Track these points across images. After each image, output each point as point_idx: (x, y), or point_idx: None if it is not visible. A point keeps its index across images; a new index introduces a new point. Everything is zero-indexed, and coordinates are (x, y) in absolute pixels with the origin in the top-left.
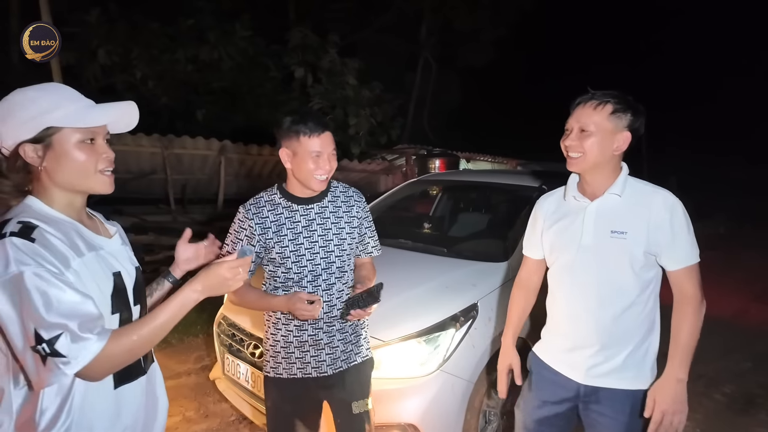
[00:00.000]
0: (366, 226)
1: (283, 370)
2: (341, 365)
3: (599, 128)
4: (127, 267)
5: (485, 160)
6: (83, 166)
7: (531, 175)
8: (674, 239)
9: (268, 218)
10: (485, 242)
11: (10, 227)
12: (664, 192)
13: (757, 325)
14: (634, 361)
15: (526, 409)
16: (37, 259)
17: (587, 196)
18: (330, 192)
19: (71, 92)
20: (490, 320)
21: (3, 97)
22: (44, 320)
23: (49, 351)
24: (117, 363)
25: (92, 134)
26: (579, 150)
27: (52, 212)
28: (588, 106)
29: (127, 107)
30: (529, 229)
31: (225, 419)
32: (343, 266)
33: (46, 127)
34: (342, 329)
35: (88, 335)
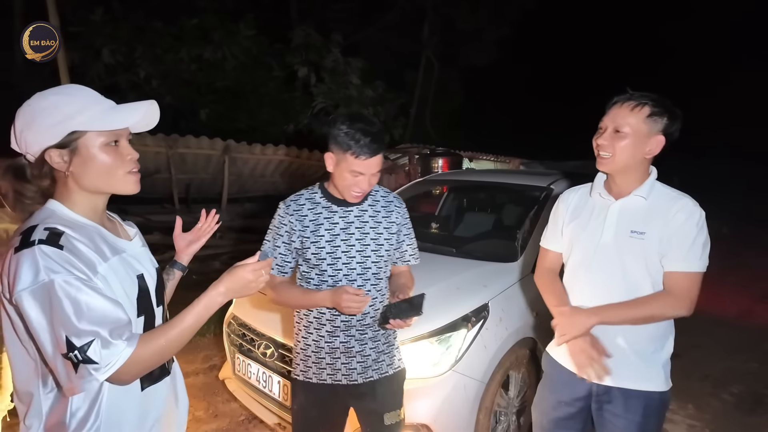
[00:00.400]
0: (405, 233)
1: (312, 375)
2: (372, 375)
3: (634, 130)
4: (148, 268)
5: (488, 160)
6: (110, 168)
7: (538, 174)
8: (682, 242)
9: (307, 216)
10: (495, 242)
11: (38, 234)
12: (687, 198)
13: (763, 325)
14: (648, 362)
15: (542, 409)
16: (66, 267)
17: (612, 195)
18: (371, 196)
19: (93, 94)
20: (501, 320)
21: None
22: (76, 327)
23: (81, 358)
24: (146, 367)
25: (116, 136)
26: (610, 150)
27: (76, 217)
28: (625, 106)
29: (149, 107)
30: (551, 222)
31: (235, 419)
32: (378, 273)
33: (71, 131)
34: (374, 338)
35: (118, 341)
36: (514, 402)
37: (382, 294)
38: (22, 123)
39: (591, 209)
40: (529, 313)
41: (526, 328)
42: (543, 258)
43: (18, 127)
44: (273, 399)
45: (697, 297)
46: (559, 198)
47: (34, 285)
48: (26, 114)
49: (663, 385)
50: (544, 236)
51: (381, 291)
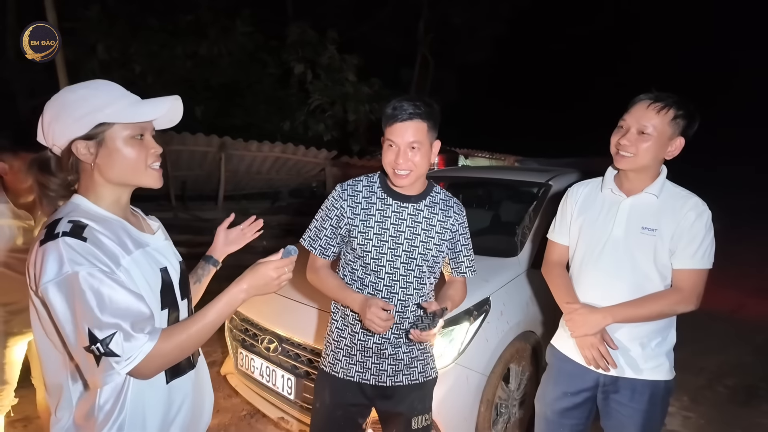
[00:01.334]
0: (463, 243)
1: (340, 369)
2: (402, 380)
3: (659, 132)
4: (172, 262)
5: (483, 157)
6: (135, 161)
7: (536, 171)
8: (691, 240)
9: (361, 204)
10: (495, 238)
11: (62, 227)
12: (697, 198)
13: (756, 319)
14: (653, 352)
15: (546, 400)
16: (90, 259)
17: (624, 191)
18: (429, 196)
19: (120, 89)
20: (502, 314)
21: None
22: (99, 320)
23: (103, 351)
24: (168, 361)
25: (141, 130)
26: (632, 150)
27: (100, 210)
28: (651, 108)
29: (174, 102)
30: (559, 215)
31: (236, 414)
32: (422, 277)
33: (98, 123)
34: (408, 343)
35: (140, 334)
36: (515, 394)
37: (422, 299)
38: (51, 115)
39: (601, 204)
40: (529, 307)
41: (527, 321)
42: (550, 251)
43: (46, 119)
44: (277, 393)
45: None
46: (567, 192)
47: (59, 277)
48: (55, 106)
49: (667, 374)
50: (551, 229)
51: (423, 298)
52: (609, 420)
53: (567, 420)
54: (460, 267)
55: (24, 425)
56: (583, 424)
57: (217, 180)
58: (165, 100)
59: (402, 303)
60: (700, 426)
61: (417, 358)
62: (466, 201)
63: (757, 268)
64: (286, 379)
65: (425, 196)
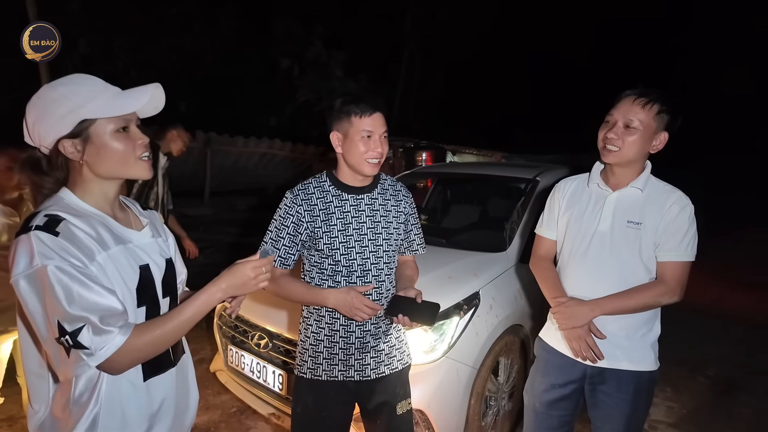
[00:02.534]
0: (412, 223)
1: (322, 372)
2: (384, 370)
3: (644, 126)
4: (156, 260)
5: (471, 153)
6: (123, 154)
7: (524, 167)
8: (675, 233)
9: (317, 206)
10: (484, 233)
11: (37, 220)
12: (680, 192)
13: (734, 312)
14: (638, 344)
15: (535, 392)
16: (60, 253)
17: (609, 186)
18: (380, 184)
19: (100, 82)
20: (491, 308)
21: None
22: (67, 313)
23: (72, 343)
24: (140, 356)
25: (126, 122)
26: (618, 144)
27: (83, 205)
28: (637, 102)
29: (154, 90)
30: (547, 210)
31: (226, 411)
32: (390, 262)
33: (81, 120)
34: (387, 331)
35: (110, 329)
36: (504, 387)
37: (392, 284)
38: (34, 116)
39: (588, 199)
40: (517, 301)
41: (515, 315)
42: (538, 246)
43: (30, 121)
44: (268, 389)
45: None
46: (555, 186)
47: (29, 270)
48: (37, 107)
49: (652, 364)
50: (539, 224)
51: (392, 281)
52: (596, 410)
53: (555, 411)
54: (411, 245)
55: (9, 425)
56: (570, 415)
57: (202, 176)
58: (146, 89)
59: (377, 291)
60: (683, 415)
61: (395, 347)
62: (455, 197)
63: (736, 263)
64: (277, 374)
65: (375, 185)
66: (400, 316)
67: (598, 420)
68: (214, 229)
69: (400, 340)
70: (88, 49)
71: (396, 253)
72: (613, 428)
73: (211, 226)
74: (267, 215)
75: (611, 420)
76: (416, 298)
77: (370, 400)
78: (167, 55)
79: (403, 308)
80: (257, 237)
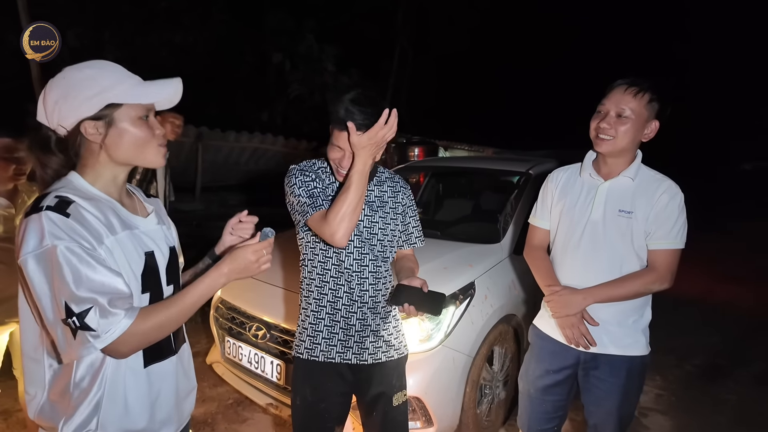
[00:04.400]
0: (411, 215)
1: (320, 353)
2: (381, 357)
3: (636, 115)
4: (161, 247)
5: (462, 148)
6: (143, 141)
7: (517, 160)
8: (665, 221)
9: (319, 186)
10: (478, 225)
11: (48, 201)
12: (670, 181)
13: (722, 304)
14: (630, 330)
15: (529, 378)
16: (70, 234)
17: (601, 175)
18: (376, 176)
19: (123, 70)
20: (486, 298)
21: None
22: (74, 294)
23: (78, 324)
24: (146, 340)
25: (147, 111)
26: (611, 133)
27: (92, 189)
28: (628, 91)
29: (177, 84)
30: (540, 200)
31: (223, 403)
32: (384, 252)
33: (108, 103)
34: (386, 318)
35: (117, 311)
36: (498, 376)
37: (389, 274)
38: (57, 94)
39: (580, 188)
40: (511, 291)
41: (509, 305)
42: (532, 235)
43: (51, 99)
44: (266, 379)
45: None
46: (548, 177)
47: (38, 250)
48: (61, 86)
49: (644, 349)
50: (533, 214)
51: (389, 271)
52: (589, 395)
53: (549, 396)
54: (410, 239)
55: (4, 418)
56: (564, 400)
57: (194, 171)
58: (170, 82)
59: (373, 275)
60: (672, 402)
61: (393, 335)
62: (449, 190)
63: (723, 257)
64: (275, 365)
65: (372, 176)
66: (406, 305)
67: (591, 405)
68: (207, 224)
69: (398, 330)
70: (77, 42)
71: (392, 245)
72: (605, 412)
73: (203, 221)
74: (260, 210)
75: (604, 404)
76: (422, 288)
77: (367, 391)
78: (158, 49)
79: (408, 297)
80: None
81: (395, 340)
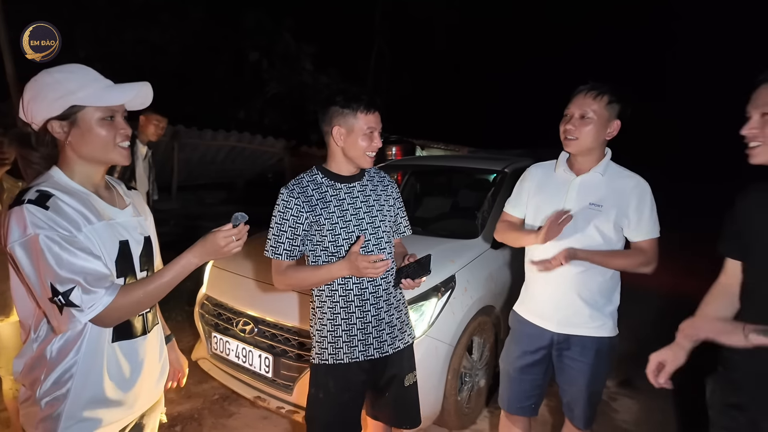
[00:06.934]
0: (398, 207)
1: (344, 355)
2: (399, 345)
3: (598, 116)
4: (135, 236)
5: (439, 147)
6: (104, 140)
7: (493, 159)
8: (640, 217)
9: (314, 196)
10: (458, 222)
11: (29, 195)
12: (638, 177)
13: (686, 296)
14: (600, 313)
15: (509, 359)
16: (50, 224)
17: (574, 171)
18: (366, 175)
19: (93, 73)
20: (466, 290)
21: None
22: (58, 275)
23: (64, 302)
24: (126, 313)
25: (112, 112)
26: (576, 134)
27: (71, 183)
28: (589, 95)
29: (142, 87)
30: (516, 192)
31: (208, 398)
32: (390, 241)
33: (71, 105)
34: (397, 306)
35: (97, 289)
36: (477, 364)
37: (393, 261)
38: (30, 95)
39: (555, 183)
40: (489, 284)
41: (488, 296)
42: (503, 219)
43: (26, 99)
44: (254, 373)
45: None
46: (525, 172)
47: (23, 238)
48: (33, 88)
49: (611, 331)
50: (508, 202)
51: (393, 258)
52: (562, 375)
53: (527, 375)
54: (399, 228)
55: None
56: (541, 380)
57: (170, 170)
58: (133, 87)
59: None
60: (639, 387)
61: (405, 322)
62: (429, 188)
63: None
64: (263, 358)
65: (362, 174)
66: (403, 282)
67: (564, 383)
68: (184, 223)
69: (407, 315)
70: None
71: (391, 234)
72: (577, 390)
73: (180, 220)
74: (237, 208)
75: (576, 382)
76: (410, 261)
77: (382, 376)
78: (133, 47)
79: (404, 274)
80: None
81: (407, 327)
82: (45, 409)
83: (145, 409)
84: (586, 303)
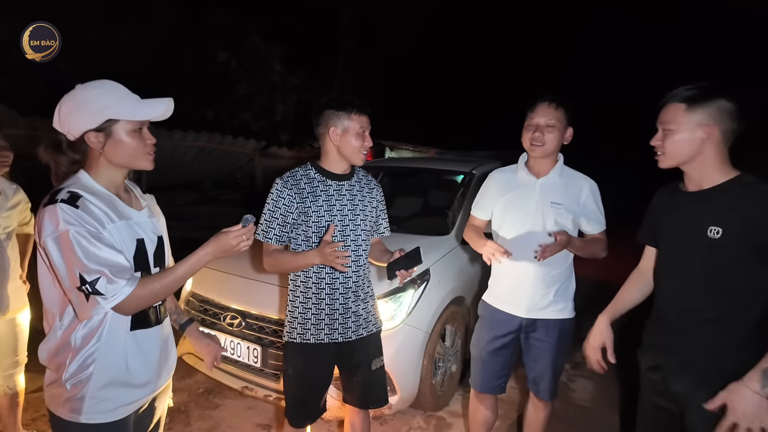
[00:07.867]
0: (381, 209)
1: (310, 336)
2: (362, 332)
3: (560, 123)
4: (149, 236)
5: (407, 148)
6: (136, 150)
7: (461, 161)
8: (593, 213)
9: (305, 189)
10: (430, 220)
11: (62, 195)
12: (589, 179)
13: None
14: (561, 297)
15: (480, 344)
16: (79, 221)
17: (533, 174)
18: (355, 175)
19: (124, 89)
20: (439, 282)
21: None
22: (86, 266)
23: (91, 290)
24: (144, 302)
25: (140, 124)
26: (542, 140)
27: (96, 186)
28: (551, 105)
29: (168, 103)
30: (480, 195)
31: (193, 392)
32: (368, 240)
33: (108, 119)
34: (364, 299)
35: (120, 280)
36: (450, 351)
37: (367, 261)
38: (68, 108)
39: (518, 185)
40: (460, 276)
41: (459, 288)
42: (471, 222)
43: (64, 111)
44: (243, 364)
45: None
46: (489, 176)
47: (55, 233)
48: (71, 102)
49: (571, 313)
50: (474, 206)
51: (367, 259)
52: (529, 354)
53: (498, 358)
54: (379, 228)
55: None
56: (509, 360)
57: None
58: (161, 102)
59: (356, 263)
60: None
61: (370, 312)
62: (401, 188)
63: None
64: (252, 349)
65: (352, 174)
66: (398, 273)
67: (530, 361)
68: None
69: (374, 307)
70: (5, 35)
71: (369, 233)
72: (543, 367)
73: None
74: (209, 209)
75: (541, 360)
76: (401, 255)
77: (350, 361)
78: (98, 45)
79: (398, 267)
80: (203, 231)
81: (372, 317)
82: (70, 391)
83: (157, 392)
84: (550, 289)
